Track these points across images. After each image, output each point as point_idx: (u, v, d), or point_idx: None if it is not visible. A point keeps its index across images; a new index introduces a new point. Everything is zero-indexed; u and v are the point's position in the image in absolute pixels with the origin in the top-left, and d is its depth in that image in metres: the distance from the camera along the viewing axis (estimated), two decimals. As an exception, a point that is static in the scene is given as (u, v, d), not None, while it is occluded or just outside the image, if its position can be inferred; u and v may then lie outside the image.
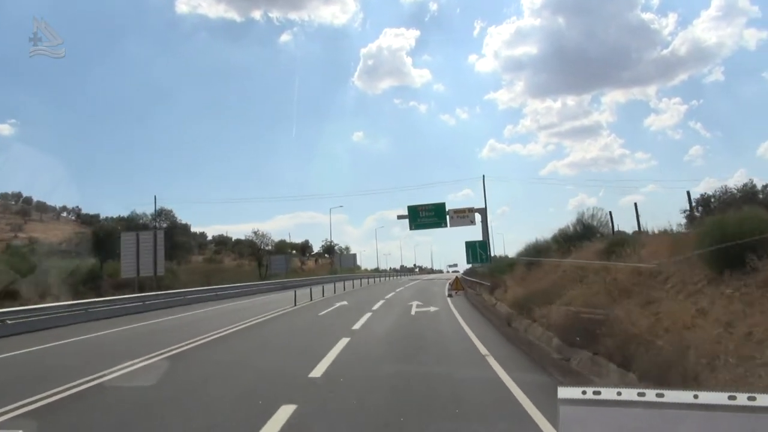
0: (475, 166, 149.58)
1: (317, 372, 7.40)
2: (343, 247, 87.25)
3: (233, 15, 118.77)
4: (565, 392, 1.52)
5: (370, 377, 7.31)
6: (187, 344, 10.62)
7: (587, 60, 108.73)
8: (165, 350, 9.78)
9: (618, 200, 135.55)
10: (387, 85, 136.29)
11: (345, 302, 22.15)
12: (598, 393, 1.50)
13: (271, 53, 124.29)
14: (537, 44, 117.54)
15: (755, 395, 1.35)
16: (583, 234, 16.93)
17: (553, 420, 5.37)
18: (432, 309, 17.73)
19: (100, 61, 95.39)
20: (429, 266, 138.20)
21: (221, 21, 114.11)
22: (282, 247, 78.01)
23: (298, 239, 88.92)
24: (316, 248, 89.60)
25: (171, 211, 52.71)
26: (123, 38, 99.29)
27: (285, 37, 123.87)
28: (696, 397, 1.40)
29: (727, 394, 1.37)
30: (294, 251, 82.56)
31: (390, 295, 26.52)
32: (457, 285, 25.41)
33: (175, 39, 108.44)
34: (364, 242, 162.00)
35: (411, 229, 46.94)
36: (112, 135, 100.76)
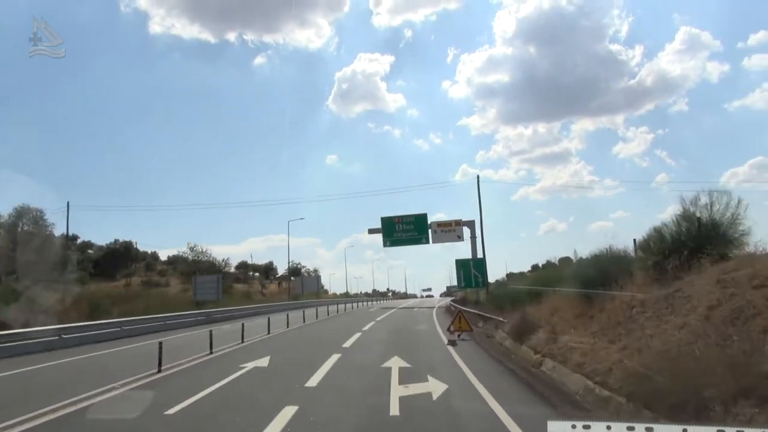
0: (448, 191, 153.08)
1: None
2: (311, 269, 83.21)
3: (207, 36, 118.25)
4: (555, 426, 1.49)
5: None
6: None
7: (557, 89, 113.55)
8: None
9: (587, 225, 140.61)
10: (361, 109, 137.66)
11: (261, 363, 11.66)
12: (588, 427, 1.47)
13: (246, 75, 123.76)
14: (509, 72, 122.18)
15: (743, 429, 1.36)
16: (700, 238, 9.57)
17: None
18: (433, 387, 8.27)
19: (69, 79, 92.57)
20: (403, 290, 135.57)
21: (195, 42, 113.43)
22: (245, 269, 73.55)
23: (265, 261, 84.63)
24: (282, 270, 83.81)
25: (41, 213, 39.29)
26: (94, 56, 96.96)
27: (259, 60, 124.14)
28: (685, 431, 1.40)
29: (716, 428, 1.38)
30: (256, 273, 78.83)
31: (351, 340, 16.67)
32: (462, 323, 16.46)
33: (148, 59, 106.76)
34: (336, 266, 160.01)
35: (385, 245, 39.05)
36: (77, 155, 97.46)
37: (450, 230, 37.80)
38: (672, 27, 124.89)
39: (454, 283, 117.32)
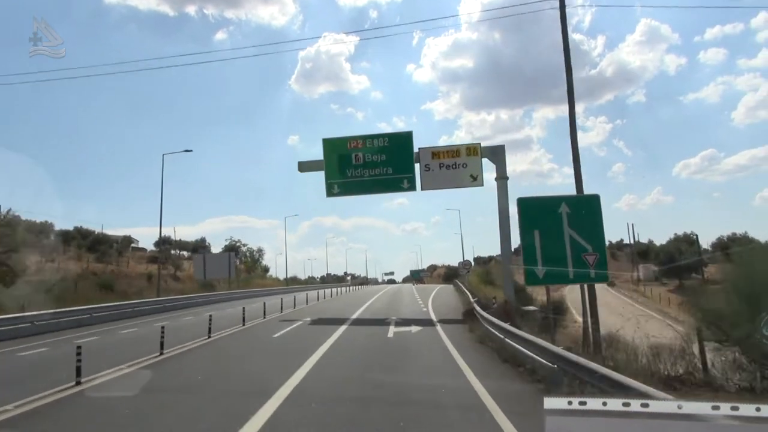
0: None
1: None
2: (255, 249, 72.21)
3: (166, 9, 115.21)
4: (551, 402, 1.50)
5: None
6: None
7: (521, 76, 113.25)
8: None
9: None
10: (324, 89, 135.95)
11: None
12: (584, 403, 1.49)
13: (206, 51, 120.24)
14: (473, 58, 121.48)
15: (738, 405, 1.37)
16: None
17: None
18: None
19: (14, 50, 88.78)
20: (362, 275, 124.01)
21: (153, 14, 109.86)
22: (169, 246, 59.11)
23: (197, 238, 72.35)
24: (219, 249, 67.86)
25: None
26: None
27: (220, 35, 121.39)
28: (680, 407, 1.41)
29: (710, 404, 1.39)
30: (183, 253, 66.52)
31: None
32: None
33: (101, 30, 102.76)
34: (298, 248, 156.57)
35: (330, 194, 21.26)
36: (23, 129, 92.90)
37: (454, 166, 20.85)
38: (634, 18, 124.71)
39: (418, 267, 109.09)
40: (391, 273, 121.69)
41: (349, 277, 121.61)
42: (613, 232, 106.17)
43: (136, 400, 7.46)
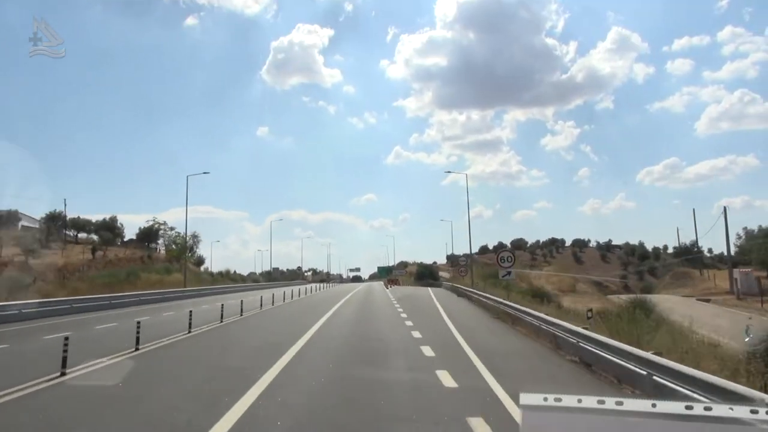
0: (381, 172, 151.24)
1: None
2: (190, 235, 59.32)
3: None
4: (527, 398, 1.50)
5: None
6: None
7: (493, 77, 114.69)
8: None
9: (513, 213, 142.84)
10: (296, 81, 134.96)
11: None
12: (559, 400, 1.49)
13: (175, 36, 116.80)
14: (447, 56, 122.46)
15: (711, 405, 1.38)
16: None
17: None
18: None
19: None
20: (324, 270, 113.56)
21: None
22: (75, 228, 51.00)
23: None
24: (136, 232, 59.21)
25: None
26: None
27: (191, 21, 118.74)
28: (654, 406, 1.42)
29: (684, 404, 1.40)
30: (93, 236, 54.39)
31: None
32: None
33: (63, 10, 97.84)
34: (264, 241, 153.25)
35: None
36: None
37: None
38: (605, 26, 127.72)
39: (386, 263, 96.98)
40: (357, 269, 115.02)
41: (309, 273, 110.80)
42: (580, 233, 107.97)
43: None
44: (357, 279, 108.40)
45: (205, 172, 39.31)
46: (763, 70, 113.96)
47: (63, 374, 8.62)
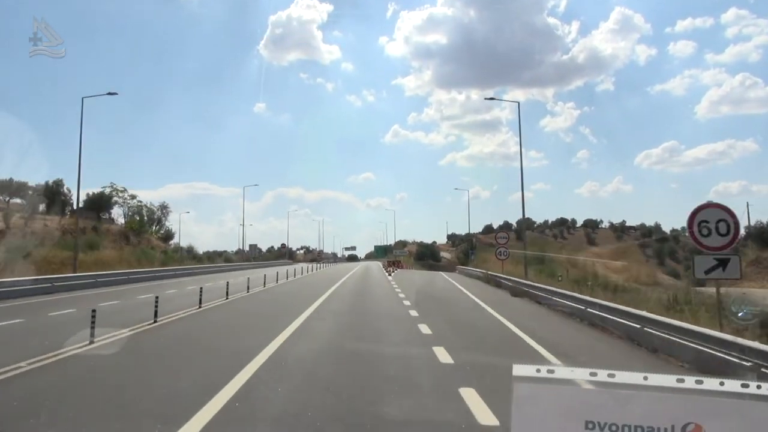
0: (378, 150, 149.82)
1: None
2: (157, 205, 53.12)
3: None
4: (519, 370, 1.51)
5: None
6: None
7: (494, 56, 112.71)
8: None
9: (509, 195, 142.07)
10: (294, 57, 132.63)
11: None
12: (552, 372, 1.50)
13: (172, 8, 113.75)
14: (447, 34, 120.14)
15: (702, 378, 1.39)
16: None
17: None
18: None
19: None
20: (317, 248, 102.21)
21: None
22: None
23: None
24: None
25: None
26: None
27: None
28: (645, 378, 1.43)
29: (675, 377, 1.41)
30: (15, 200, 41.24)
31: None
32: None
33: None
34: (261, 219, 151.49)
35: None
36: None
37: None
38: (608, 5, 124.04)
39: (382, 242, 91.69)
40: (353, 248, 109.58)
41: (301, 251, 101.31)
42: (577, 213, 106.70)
43: None
44: (353, 258, 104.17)
45: (110, 93, 28.71)
46: (766, 53, 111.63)
47: None
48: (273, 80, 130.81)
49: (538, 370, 1.50)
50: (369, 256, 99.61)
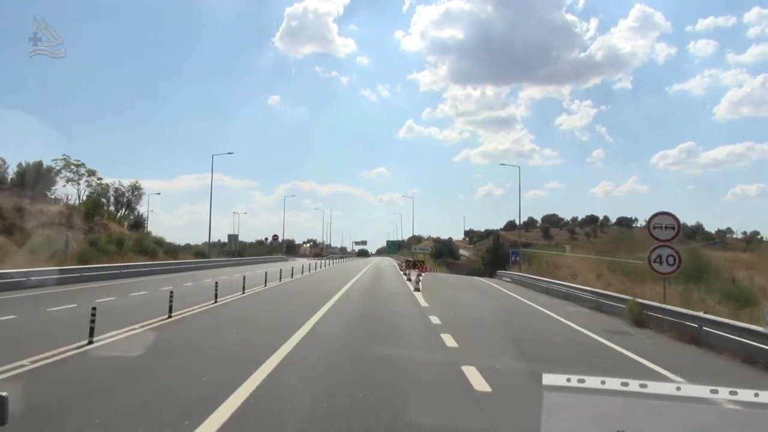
0: (392, 145, 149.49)
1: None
2: (127, 185, 44.13)
3: None
4: (549, 379, 1.50)
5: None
6: None
7: (510, 52, 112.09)
8: None
9: (524, 193, 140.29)
10: (309, 50, 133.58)
11: None
12: (582, 381, 1.49)
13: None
14: (464, 29, 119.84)
15: (737, 390, 1.38)
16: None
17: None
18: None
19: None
20: (325, 242, 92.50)
21: None
22: None
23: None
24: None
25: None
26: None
27: None
28: (678, 389, 1.42)
29: (709, 388, 1.40)
30: None
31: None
32: None
33: None
34: (274, 211, 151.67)
35: None
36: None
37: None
38: (628, 3, 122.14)
39: (395, 237, 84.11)
40: (364, 242, 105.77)
41: (307, 245, 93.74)
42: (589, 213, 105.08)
43: None
44: (363, 253, 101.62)
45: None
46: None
47: None
48: (288, 73, 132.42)
49: (569, 380, 1.50)
50: (380, 251, 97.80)
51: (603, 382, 1.49)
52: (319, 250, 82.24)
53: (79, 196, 38.74)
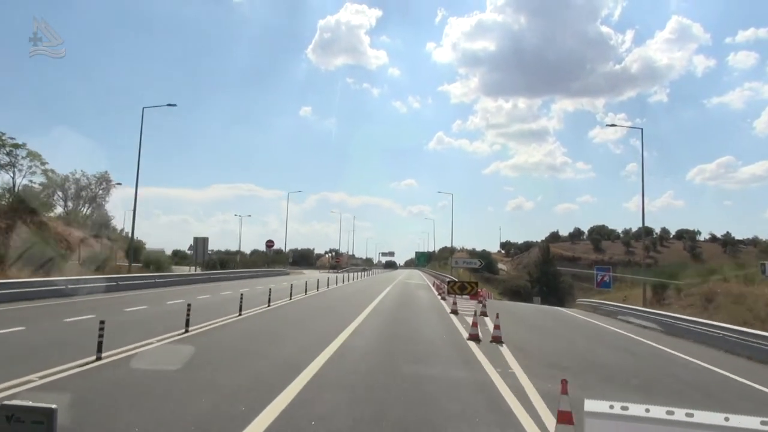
0: (422, 157, 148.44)
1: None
2: (97, 175, 35.23)
3: None
4: (591, 405, 1.49)
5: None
6: None
7: (543, 64, 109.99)
8: None
9: (554, 206, 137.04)
10: (341, 62, 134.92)
11: None
12: (626, 408, 1.48)
13: (223, 12, 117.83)
14: (496, 41, 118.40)
15: (789, 422, 1.33)
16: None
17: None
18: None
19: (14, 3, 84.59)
20: (347, 252, 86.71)
21: None
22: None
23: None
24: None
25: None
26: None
27: None
28: (727, 419, 1.38)
29: (759, 419, 1.36)
30: None
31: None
32: None
33: None
34: (303, 221, 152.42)
35: None
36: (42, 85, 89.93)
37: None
38: (665, 14, 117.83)
39: (425, 248, 77.92)
40: (391, 254, 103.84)
41: (329, 255, 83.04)
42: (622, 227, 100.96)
43: None
44: (390, 265, 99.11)
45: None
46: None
47: None
48: (319, 84, 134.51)
49: (612, 407, 1.48)
50: (408, 263, 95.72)
51: (647, 410, 1.47)
52: (336, 262, 72.77)
53: (14, 186, 29.13)
